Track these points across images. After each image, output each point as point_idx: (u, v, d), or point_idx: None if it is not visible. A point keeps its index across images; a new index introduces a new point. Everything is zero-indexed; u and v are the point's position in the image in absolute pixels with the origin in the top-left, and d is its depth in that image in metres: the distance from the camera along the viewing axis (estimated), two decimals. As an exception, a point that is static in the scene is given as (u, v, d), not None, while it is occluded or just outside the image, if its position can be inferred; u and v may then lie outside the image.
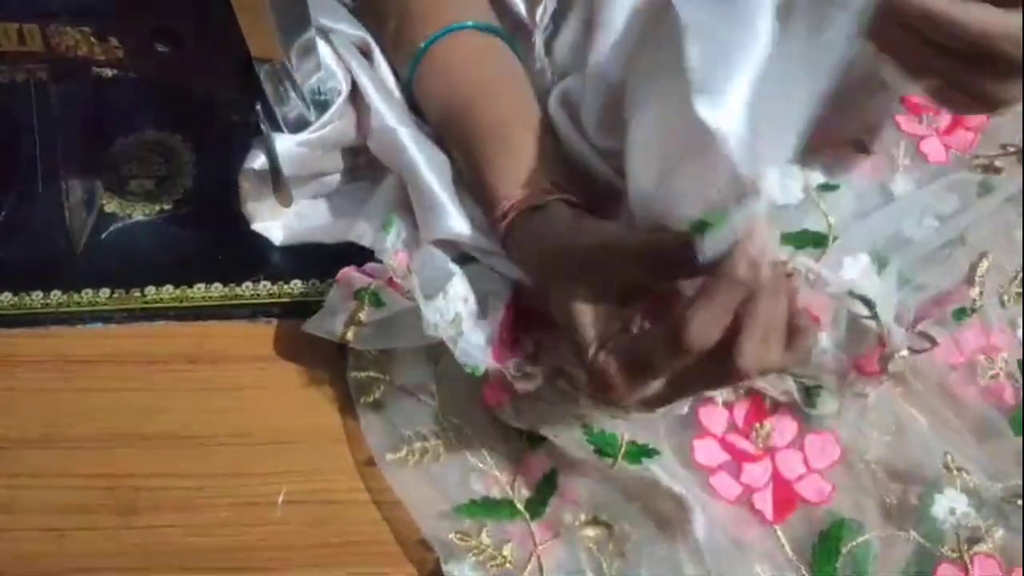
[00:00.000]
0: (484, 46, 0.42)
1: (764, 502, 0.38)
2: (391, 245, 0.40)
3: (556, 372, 0.38)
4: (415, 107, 0.43)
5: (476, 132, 0.40)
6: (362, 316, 0.39)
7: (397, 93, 0.43)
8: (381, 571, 0.38)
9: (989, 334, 0.40)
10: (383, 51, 0.43)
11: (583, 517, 0.38)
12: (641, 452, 0.37)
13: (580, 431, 0.37)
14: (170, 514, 0.39)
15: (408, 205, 0.42)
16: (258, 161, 0.41)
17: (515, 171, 0.38)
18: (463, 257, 0.41)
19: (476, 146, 0.40)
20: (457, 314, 0.38)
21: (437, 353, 0.39)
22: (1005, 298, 0.42)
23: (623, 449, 0.37)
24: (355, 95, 0.42)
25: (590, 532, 0.38)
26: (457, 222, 0.40)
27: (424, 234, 0.40)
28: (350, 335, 0.39)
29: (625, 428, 0.37)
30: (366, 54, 0.43)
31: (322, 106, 0.41)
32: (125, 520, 0.39)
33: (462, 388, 0.39)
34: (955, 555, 0.37)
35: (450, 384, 0.39)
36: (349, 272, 0.41)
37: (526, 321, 0.39)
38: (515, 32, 0.44)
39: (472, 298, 0.39)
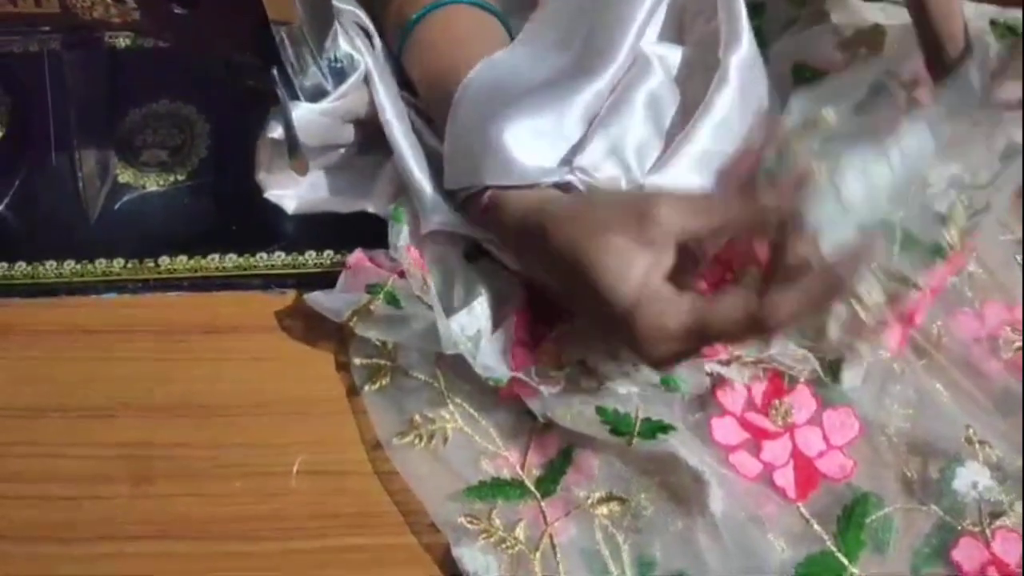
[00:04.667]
0: (473, 22, 0.42)
1: (786, 479, 0.37)
2: (403, 242, 0.40)
3: (580, 367, 0.38)
4: (405, 80, 0.43)
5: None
6: (373, 308, 0.39)
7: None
8: (396, 542, 0.38)
9: (1013, 307, 0.40)
10: (380, 32, 0.43)
11: (598, 494, 0.37)
12: (656, 428, 0.37)
13: (594, 412, 0.37)
14: (184, 483, 0.39)
15: None
16: (277, 131, 0.41)
17: None
18: (473, 251, 0.41)
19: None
20: (478, 331, 0.38)
21: (433, 333, 0.38)
22: (1028, 271, 0.41)
23: (637, 426, 0.37)
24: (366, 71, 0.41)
25: (605, 509, 0.37)
26: (445, 214, 0.39)
27: (422, 226, 0.40)
28: (355, 321, 0.39)
29: (639, 405, 0.37)
30: (368, 36, 0.43)
31: (338, 74, 0.41)
32: (139, 489, 0.39)
33: (469, 369, 0.38)
34: (976, 529, 0.36)
35: (456, 365, 0.39)
36: (362, 260, 0.41)
37: (543, 317, 0.39)
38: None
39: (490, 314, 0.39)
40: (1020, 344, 0.39)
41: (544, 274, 0.37)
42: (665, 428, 0.37)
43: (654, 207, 0.33)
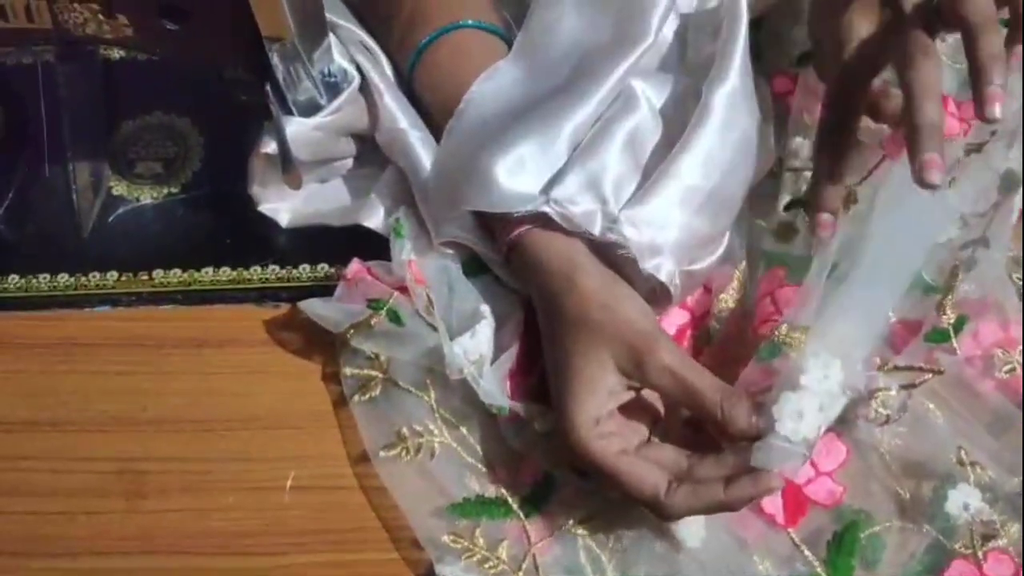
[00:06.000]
0: (482, 46, 0.42)
1: (774, 506, 0.37)
2: (405, 256, 0.40)
3: None
4: (415, 103, 0.42)
5: None
6: (374, 323, 0.39)
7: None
8: (388, 557, 0.38)
9: (1007, 327, 0.40)
10: (386, 52, 0.43)
11: (580, 514, 0.37)
12: None
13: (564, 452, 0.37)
14: (177, 498, 0.39)
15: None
16: (271, 146, 0.41)
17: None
18: (472, 263, 0.40)
19: None
20: (481, 355, 0.38)
21: (435, 353, 0.39)
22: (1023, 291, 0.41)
23: None
24: (364, 84, 0.41)
25: (588, 529, 0.37)
26: (458, 225, 0.39)
27: (432, 236, 0.40)
28: (352, 334, 0.39)
29: None
30: (371, 52, 0.43)
31: (332, 88, 0.41)
32: (132, 504, 0.39)
33: (459, 385, 0.38)
34: (968, 551, 0.36)
35: (447, 380, 0.39)
36: (361, 272, 0.41)
37: (537, 345, 0.39)
38: None
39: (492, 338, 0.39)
40: (1013, 364, 0.39)
41: (541, 320, 0.38)
42: None
43: (650, 358, 0.34)
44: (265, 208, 0.44)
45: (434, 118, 0.42)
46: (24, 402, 0.41)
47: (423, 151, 0.41)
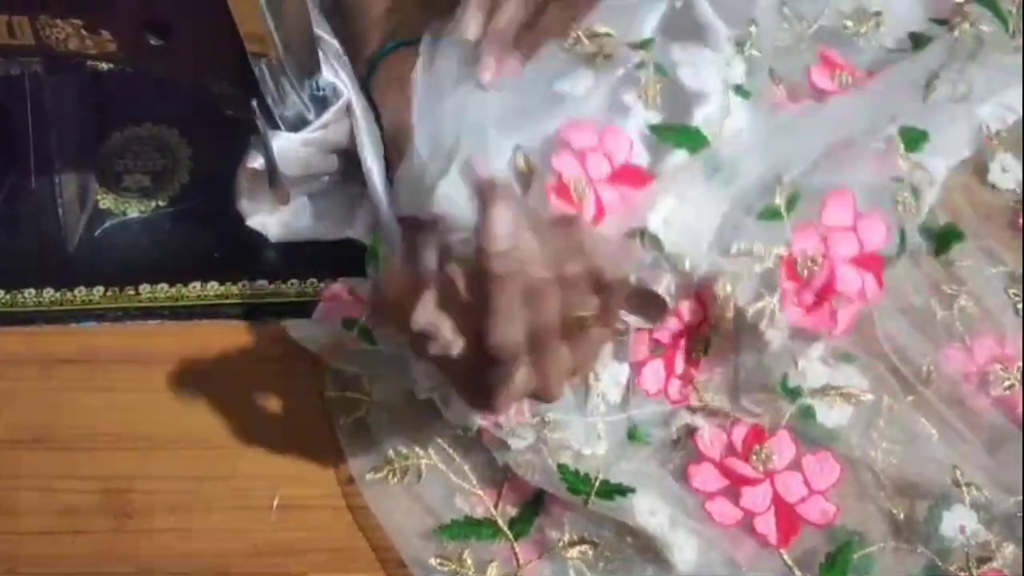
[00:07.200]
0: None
1: (767, 525, 0.37)
2: (380, 276, 0.39)
3: (541, 423, 0.37)
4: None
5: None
6: (347, 343, 0.39)
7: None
8: (377, 577, 0.38)
9: (1004, 344, 0.40)
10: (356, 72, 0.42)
11: (568, 537, 0.37)
12: (614, 490, 0.36)
13: (555, 469, 0.37)
14: (164, 517, 0.38)
15: None
16: (258, 161, 0.40)
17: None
18: None
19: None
20: None
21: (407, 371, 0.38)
22: (1020, 306, 0.41)
23: (595, 487, 0.36)
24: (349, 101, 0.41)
25: (577, 551, 0.37)
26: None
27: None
28: (330, 354, 0.39)
29: (599, 467, 0.36)
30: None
31: (320, 102, 0.40)
32: (119, 523, 0.38)
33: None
34: (964, 574, 0.36)
35: (431, 402, 0.38)
36: (339, 293, 0.40)
37: None
38: None
39: None
40: (1012, 381, 0.39)
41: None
42: (624, 491, 0.36)
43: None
44: (253, 222, 0.43)
45: (385, 132, 0.41)
46: (9, 420, 0.40)
47: (378, 180, 0.40)
